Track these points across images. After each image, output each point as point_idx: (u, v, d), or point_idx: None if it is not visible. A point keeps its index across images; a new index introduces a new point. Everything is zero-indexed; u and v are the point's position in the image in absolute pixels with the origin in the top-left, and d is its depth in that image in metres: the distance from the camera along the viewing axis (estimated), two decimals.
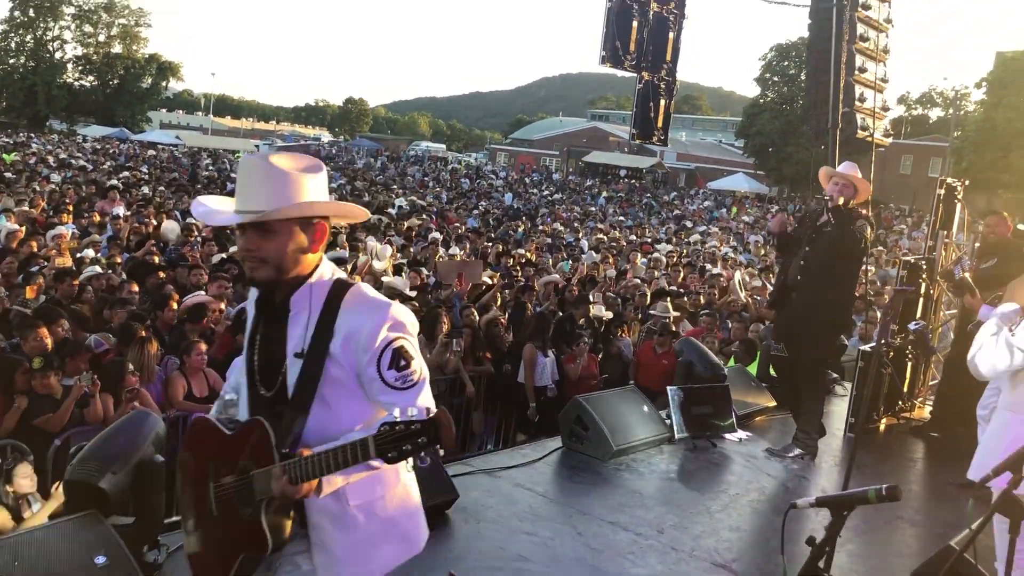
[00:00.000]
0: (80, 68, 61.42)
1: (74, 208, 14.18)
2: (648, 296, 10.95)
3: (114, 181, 19.27)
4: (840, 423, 7.37)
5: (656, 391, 7.19)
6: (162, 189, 20.86)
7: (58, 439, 5.09)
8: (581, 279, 12.03)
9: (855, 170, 6.27)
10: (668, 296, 10.65)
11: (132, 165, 29.65)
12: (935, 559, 3.34)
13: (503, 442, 7.87)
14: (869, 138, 10.26)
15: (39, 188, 17.01)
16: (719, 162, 65.89)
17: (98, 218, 13.21)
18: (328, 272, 2.32)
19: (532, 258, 14.68)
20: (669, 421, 6.54)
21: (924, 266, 8.00)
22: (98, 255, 9.87)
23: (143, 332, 6.11)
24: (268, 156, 2.25)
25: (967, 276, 6.73)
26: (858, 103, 10.14)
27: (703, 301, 11.57)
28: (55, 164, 26.37)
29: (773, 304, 7.00)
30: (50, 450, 4.98)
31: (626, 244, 19.76)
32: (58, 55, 60.52)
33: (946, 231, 8.32)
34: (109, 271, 8.70)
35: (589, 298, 9.58)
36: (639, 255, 16.52)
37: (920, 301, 8.00)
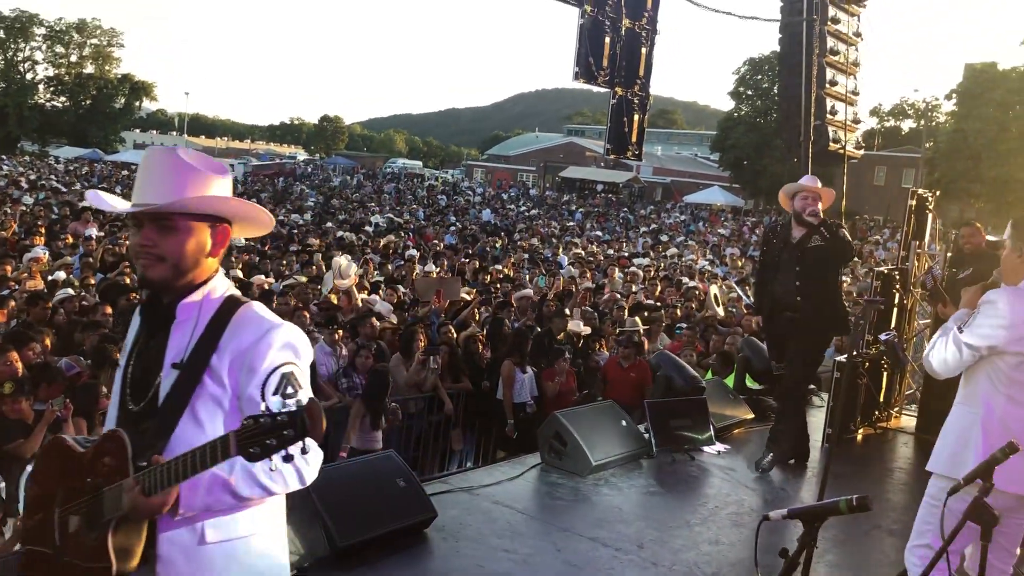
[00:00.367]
0: (52, 89, 60.95)
1: (47, 230, 14.05)
2: (626, 310, 10.99)
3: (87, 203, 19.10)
4: (818, 434, 7.40)
5: (626, 405, 7.11)
6: None
7: (30, 465, 5.01)
8: (558, 294, 12.06)
9: (816, 181, 6.31)
10: (646, 310, 10.69)
11: (106, 186, 29.44)
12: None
13: (482, 459, 7.85)
14: (841, 150, 10.37)
15: (10, 210, 16.86)
16: (695, 176, 66.34)
17: (71, 240, 13.09)
18: (223, 286, 2.18)
19: (510, 274, 14.70)
20: (647, 435, 6.54)
21: (897, 276, 8.08)
22: (70, 276, 9.78)
23: (117, 354, 6.05)
24: (175, 150, 2.15)
25: (940, 285, 6.80)
26: (829, 116, 10.24)
27: (680, 314, 11.63)
28: (27, 186, 26.14)
29: (763, 325, 6.94)
30: (22, 476, 4.90)
31: (603, 259, 19.83)
32: (29, 76, 60.00)
33: (918, 241, 8.41)
34: (82, 292, 8.62)
35: (565, 312, 9.59)
36: (616, 269, 16.59)
37: (894, 311, 8.07)
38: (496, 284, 13.15)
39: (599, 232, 31.35)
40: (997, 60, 45.89)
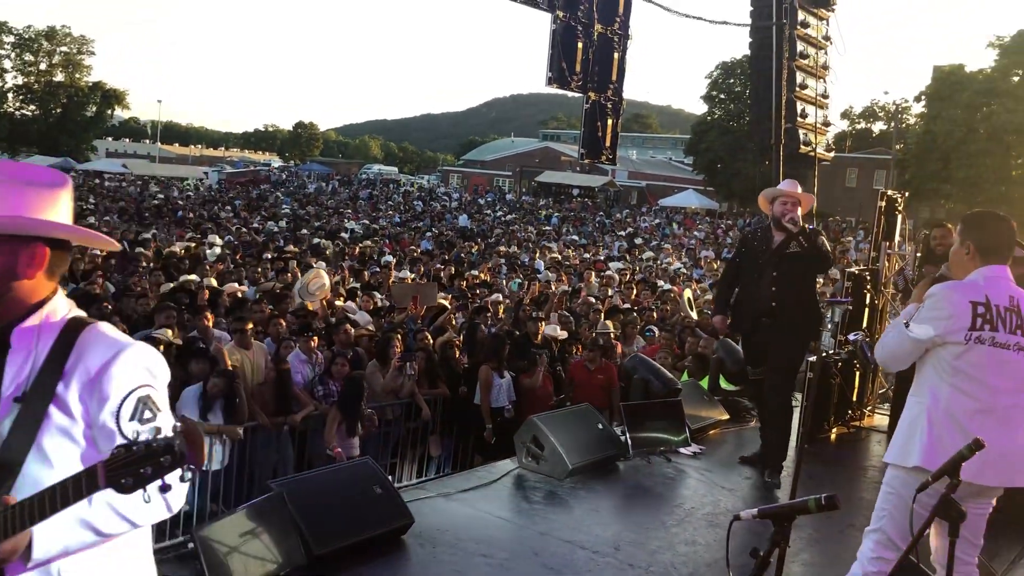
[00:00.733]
0: (21, 97, 60.20)
1: None
2: (602, 314, 11.03)
3: None
4: (792, 434, 7.46)
5: (594, 407, 7.01)
6: (107, 219, 20.54)
7: None
8: (534, 298, 12.09)
9: (796, 186, 6.29)
10: (621, 314, 10.74)
11: (78, 195, 29.15)
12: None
13: (461, 465, 7.84)
14: (812, 153, 10.50)
15: None
16: (670, 179, 66.71)
17: None
18: (64, 307, 1.96)
19: (487, 279, 14.71)
20: (624, 438, 6.58)
21: (868, 277, 8.18)
22: None
23: None
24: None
25: (912, 285, 6.89)
26: (800, 119, 10.37)
27: (656, 317, 11.69)
28: None
29: (740, 329, 6.71)
30: None
31: (579, 263, 19.91)
32: None
33: (888, 242, 8.52)
34: None
35: (534, 315, 9.56)
36: (592, 273, 16.64)
37: (866, 311, 8.16)
38: (474, 289, 13.16)
39: (575, 236, 31.45)
40: (964, 62, 46.48)
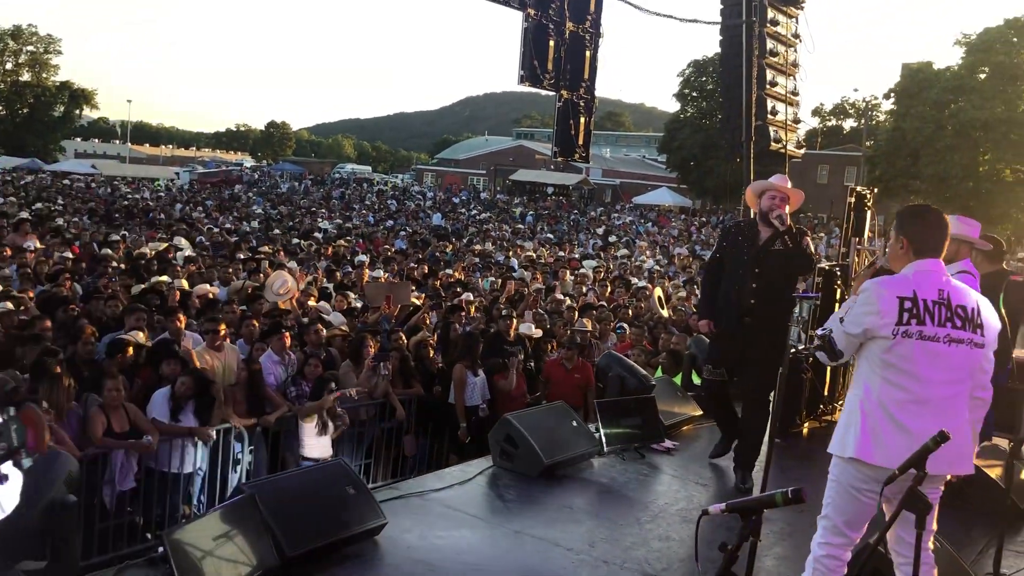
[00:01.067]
0: None
1: None
2: (576, 312, 11.05)
3: (25, 213, 18.64)
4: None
5: (570, 406, 6.97)
6: (76, 220, 20.28)
7: None
8: (509, 297, 12.09)
9: (786, 181, 6.06)
10: (594, 311, 10.76)
11: (46, 196, 28.75)
12: (853, 556, 3.49)
13: (436, 464, 7.82)
14: (782, 150, 10.58)
15: None
16: (643, 177, 67.02)
17: (9, 252, 12.74)
18: None
19: (461, 278, 14.68)
20: (598, 435, 6.59)
21: (839, 273, 8.25)
22: (10, 290, 9.51)
23: (57, 368, 5.92)
24: None
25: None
26: (771, 116, 10.44)
27: (631, 314, 11.73)
28: None
29: (727, 324, 6.17)
30: None
31: (554, 261, 19.93)
32: None
33: (858, 238, 8.60)
34: (21, 307, 8.38)
35: (505, 313, 9.51)
36: (567, 271, 16.66)
37: (836, 307, 8.22)
38: (448, 288, 13.12)
39: (550, 235, 31.48)
40: (932, 60, 47.07)
